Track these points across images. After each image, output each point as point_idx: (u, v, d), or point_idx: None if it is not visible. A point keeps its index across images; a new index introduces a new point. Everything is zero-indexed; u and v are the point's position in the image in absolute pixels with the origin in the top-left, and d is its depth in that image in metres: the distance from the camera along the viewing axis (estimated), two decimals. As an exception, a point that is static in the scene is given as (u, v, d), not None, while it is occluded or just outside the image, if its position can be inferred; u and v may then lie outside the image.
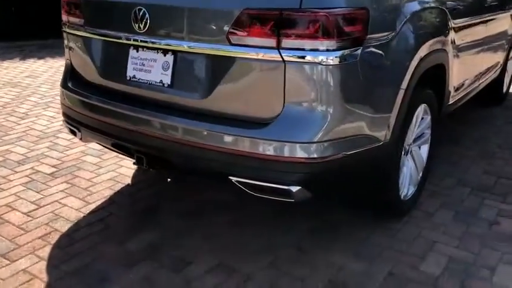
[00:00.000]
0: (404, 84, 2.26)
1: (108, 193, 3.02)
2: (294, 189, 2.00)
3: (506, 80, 4.98)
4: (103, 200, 2.94)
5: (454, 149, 3.80)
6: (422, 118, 2.79)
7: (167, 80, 2.19)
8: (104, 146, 2.85)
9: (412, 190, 2.82)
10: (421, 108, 2.66)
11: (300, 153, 1.95)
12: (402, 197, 2.67)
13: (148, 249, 2.45)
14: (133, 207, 2.87)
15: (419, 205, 2.91)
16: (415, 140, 2.78)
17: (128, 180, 3.18)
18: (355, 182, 2.28)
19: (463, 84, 3.29)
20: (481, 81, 3.81)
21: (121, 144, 2.37)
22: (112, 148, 2.58)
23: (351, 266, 2.33)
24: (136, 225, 2.66)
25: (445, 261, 2.38)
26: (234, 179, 2.06)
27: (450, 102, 3.12)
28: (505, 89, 4.99)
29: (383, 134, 2.22)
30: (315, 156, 1.96)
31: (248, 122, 2.04)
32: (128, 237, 2.55)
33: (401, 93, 2.24)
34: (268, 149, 1.96)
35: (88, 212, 2.81)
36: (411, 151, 2.76)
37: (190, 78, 2.15)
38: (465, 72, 3.31)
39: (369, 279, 2.24)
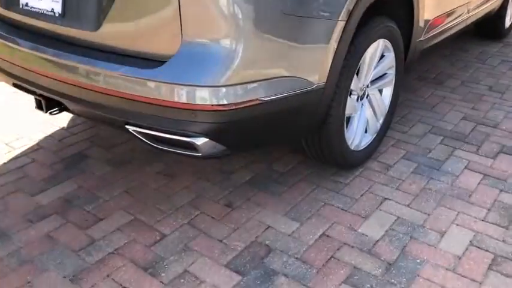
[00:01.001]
0: (343, 15, 1.86)
1: (38, 137, 2.75)
2: (199, 141, 1.69)
3: (510, 12, 4.44)
4: (30, 144, 2.68)
5: (437, 91, 3.41)
6: (383, 56, 2.41)
7: (58, 9, 1.84)
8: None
9: (368, 139, 2.48)
10: (379, 45, 2.27)
11: (201, 98, 1.61)
12: (353, 147, 2.35)
13: (60, 202, 2.20)
14: (60, 153, 2.60)
15: (378, 155, 2.58)
16: (373, 82, 2.41)
17: (64, 123, 2.91)
18: (281, 133, 1.95)
19: (441, 16, 2.84)
20: (471, 14, 3.34)
21: (20, 84, 2.07)
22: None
23: (281, 226, 2.06)
24: (57, 175, 2.40)
25: (390, 223, 2.09)
26: (130, 128, 1.76)
27: (423, 38, 2.70)
28: (508, 23, 4.47)
29: (315, 77, 1.86)
30: (222, 102, 1.63)
31: (145, 59, 1.70)
32: (42, 188, 2.30)
33: (339, 26, 1.86)
34: (163, 92, 1.63)
35: (10, 158, 2.56)
36: (367, 95, 2.40)
37: (82, 6, 1.79)
38: (444, 0, 2.85)
39: (296, 242, 1.97)
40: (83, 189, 2.30)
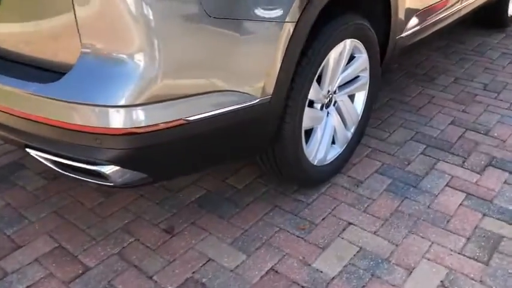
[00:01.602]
0: (291, 16, 1.55)
1: (-26, 143, 2.49)
2: (107, 169, 1.40)
3: (514, 0, 4.06)
4: (-36, 152, 2.42)
5: (426, 89, 3.08)
6: (354, 57, 2.09)
7: None
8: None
9: (336, 151, 2.18)
10: (346, 46, 1.95)
11: (102, 121, 1.33)
12: (316, 162, 2.05)
13: (-21, 224, 1.95)
14: (-6, 163, 2.34)
15: (349, 169, 2.28)
16: (341, 87, 2.10)
17: (7, 126, 2.63)
18: (220, 155, 1.66)
19: (427, 9, 2.50)
20: (466, 3, 2.98)
21: None
22: None
23: (224, 258, 1.78)
24: (-16, 189, 2.15)
25: (351, 255, 1.80)
26: (31, 152, 1.48)
27: (404, 34, 2.37)
28: (511, 10, 4.09)
29: (257, 90, 1.56)
30: (130, 125, 1.34)
31: (46, 70, 1.41)
32: (-36, 206, 2.05)
33: (286, 28, 1.55)
34: (58, 112, 1.34)
35: None
36: (335, 102, 2.09)
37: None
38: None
39: (238, 280, 1.69)
40: (9, 208, 2.03)
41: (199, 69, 1.40)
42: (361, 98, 2.24)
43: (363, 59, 2.11)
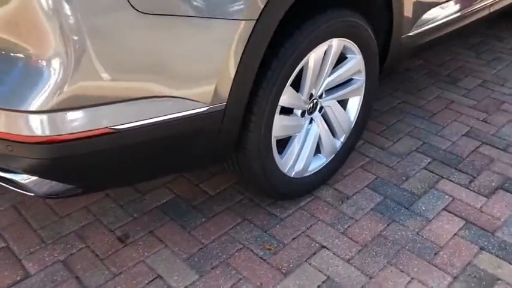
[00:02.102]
0: (250, 12, 1.33)
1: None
2: (22, 179, 1.26)
3: None
4: None
5: (445, 92, 2.77)
6: (346, 58, 1.85)
7: None
8: None
9: (321, 161, 1.96)
10: (333, 46, 1.71)
11: (11, 127, 1.17)
12: (294, 174, 1.84)
13: None
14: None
15: (338, 180, 2.06)
16: (329, 92, 1.87)
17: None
18: (162, 166, 1.47)
19: (444, 2, 2.19)
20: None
21: None
22: None
23: (174, 277, 1.61)
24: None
25: (315, 286, 1.59)
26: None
27: (413, 32, 2.08)
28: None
29: (206, 95, 1.36)
30: (44, 133, 1.17)
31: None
32: None
33: (244, 27, 1.32)
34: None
35: None
36: (321, 108, 1.86)
37: None
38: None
39: (182, 304, 1.54)
40: (-31, 199, 1.95)
41: (127, 72, 1.22)
42: (355, 103, 2.00)
43: (356, 61, 1.85)
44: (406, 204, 1.94)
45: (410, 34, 2.06)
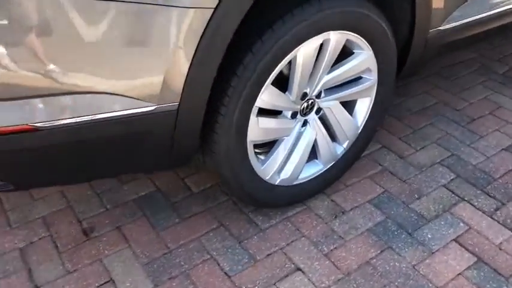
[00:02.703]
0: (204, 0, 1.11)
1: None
2: None
3: None
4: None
5: (494, 95, 2.37)
6: (352, 53, 1.57)
7: None
8: None
9: (318, 169, 1.72)
10: (331, 40, 1.43)
11: None
12: (278, 182, 1.62)
13: None
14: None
15: (337, 190, 1.81)
16: (329, 91, 1.61)
17: None
18: (105, 166, 1.31)
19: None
20: None
21: None
22: None
23: (127, 283, 1.48)
24: None
25: (277, 315, 1.40)
26: None
27: (447, 27, 1.74)
28: None
29: (151, 93, 1.16)
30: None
31: None
32: None
33: (193, 16, 1.11)
34: None
35: None
36: (319, 110, 1.61)
37: None
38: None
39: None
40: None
41: (54, 63, 1.05)
42: (364, 106, 1.72)
43: (364, 57, 1.57)
44: (410, 228, 1.67)
45: (441, 28, 1.73)
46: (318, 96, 1.59)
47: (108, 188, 1.83)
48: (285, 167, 1.63)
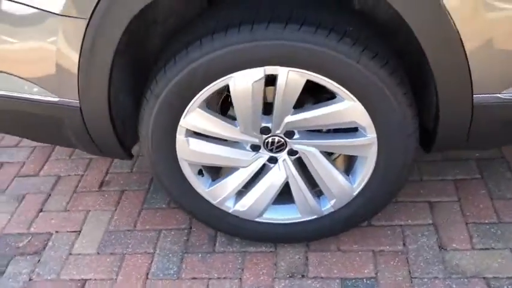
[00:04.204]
0: (76, 10, 1.06)
1: None
2: None
3: None
4: None
5: None
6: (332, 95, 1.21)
7: None
8: None
9: (293, 216, 1.45)
10: (282, 76, 1.15)
11: None
12: (231, 211, 1.44)
13: None
14: None
15: (321, 251, 1.48)
16: (306, 135, 1.30)
17: None
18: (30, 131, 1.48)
19: None
20: None
21: None
22: None
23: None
24: None
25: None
26: None
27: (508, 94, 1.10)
28: None
29: (52, 85, 1.24)
30: None
31: None
32: None
33: (64, 25, 1.08)
34: None
35: None
36: (294, 151, 1.33)
37: None
38: None
39: None
40: None
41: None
42: (362, 166, 1.33)
43: (345, 107, 1.20)
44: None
45: (499, 96, 1.12)
46: (289, 136, 1.31)
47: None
48: (242, 198, 1.44)
